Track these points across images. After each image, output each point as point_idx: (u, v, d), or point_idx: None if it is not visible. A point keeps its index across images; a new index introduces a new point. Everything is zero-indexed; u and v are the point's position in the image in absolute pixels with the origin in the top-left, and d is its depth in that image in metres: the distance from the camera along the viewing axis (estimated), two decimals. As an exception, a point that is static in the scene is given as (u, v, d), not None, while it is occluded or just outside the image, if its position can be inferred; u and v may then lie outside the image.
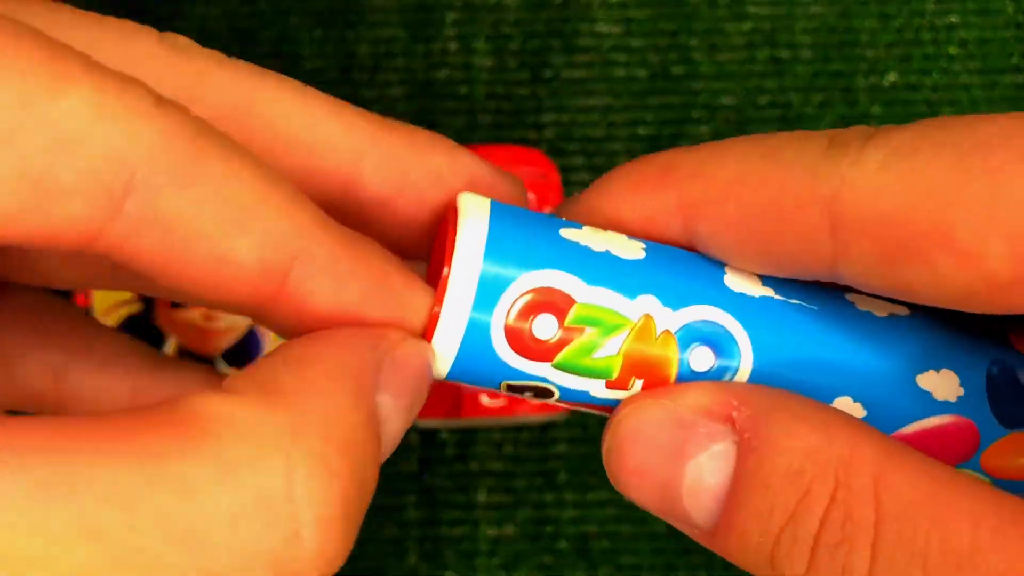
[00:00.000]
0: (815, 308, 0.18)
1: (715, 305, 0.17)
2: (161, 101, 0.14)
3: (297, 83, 0.19)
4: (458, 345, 0.17)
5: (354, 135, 0.19)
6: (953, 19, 0.41)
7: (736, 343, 0.17)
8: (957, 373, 0.18)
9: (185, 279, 0.15)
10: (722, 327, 0.17)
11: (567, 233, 0.17)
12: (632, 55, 0.41)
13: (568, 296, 0.17)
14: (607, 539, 0.40)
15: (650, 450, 0.16)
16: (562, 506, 0.40)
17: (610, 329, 0.17)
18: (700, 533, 0.17)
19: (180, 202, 0.14)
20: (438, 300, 0.17)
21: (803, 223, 0.16)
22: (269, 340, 0.36)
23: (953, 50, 0.41)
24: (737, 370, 0.17)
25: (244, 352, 0.37)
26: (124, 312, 0.37)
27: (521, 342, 0.17)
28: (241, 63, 0.19)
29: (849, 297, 0.18)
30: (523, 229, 0.17)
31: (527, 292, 0.16)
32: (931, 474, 0.15)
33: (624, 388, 0.17)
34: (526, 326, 0.17)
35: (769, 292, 0.17)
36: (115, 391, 0.21)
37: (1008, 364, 0.18)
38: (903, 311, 0.18)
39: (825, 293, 0.18)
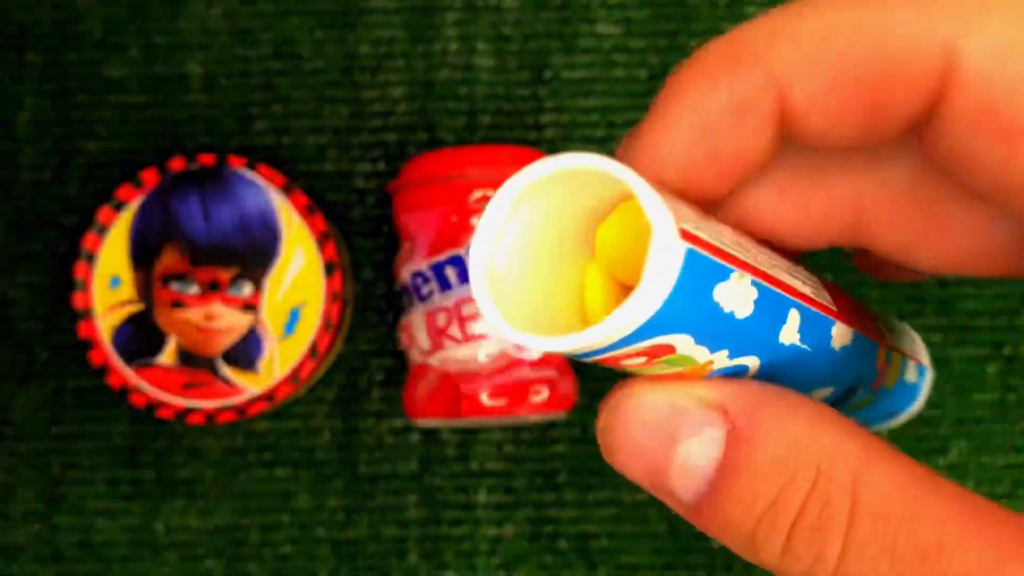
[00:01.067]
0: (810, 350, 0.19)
1: (759, 356, 0.17)
2: None
3: None
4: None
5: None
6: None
7: (748, 371, 0.18)
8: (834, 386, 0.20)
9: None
10: (747, 366, 0.18)
11: (717, 292, 0.16)
12: (632, 55, 0.41)
13: (672, 348, 0.16)
14: (607, 539, 0.40)
15: (644, 431, 0.17)
16: (562, 506, 0.40)
17: (675, 364, 0.17)
18: (684, 509, 0.17)
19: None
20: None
21: (913, 67, 0.15)
22: (269, 340, 0.36)
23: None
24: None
25: (244, 352, 0.37)
26: (124, 312, 0.37)
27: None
28: None
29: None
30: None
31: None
32: (909, 473, 0.16)
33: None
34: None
35: (795, 340, 0.18)
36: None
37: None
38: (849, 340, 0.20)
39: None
